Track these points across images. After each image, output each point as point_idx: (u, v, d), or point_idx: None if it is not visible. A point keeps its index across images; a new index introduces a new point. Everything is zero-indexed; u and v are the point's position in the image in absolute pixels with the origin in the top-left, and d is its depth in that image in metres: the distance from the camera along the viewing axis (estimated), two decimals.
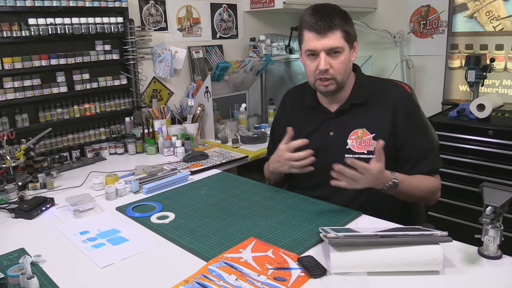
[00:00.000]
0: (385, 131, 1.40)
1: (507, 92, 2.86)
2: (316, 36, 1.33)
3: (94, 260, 1.13)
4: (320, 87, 1.41)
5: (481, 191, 1.06)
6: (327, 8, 1.35)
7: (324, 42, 1.33)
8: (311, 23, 1.33)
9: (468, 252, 1.08)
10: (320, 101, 1.51)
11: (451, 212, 2.50)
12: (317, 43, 1.34)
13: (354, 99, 1.45)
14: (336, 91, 1.43)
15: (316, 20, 1.32)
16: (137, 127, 2.29)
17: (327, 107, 1.50)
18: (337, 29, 1.33)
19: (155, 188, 1.62)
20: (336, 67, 1.37)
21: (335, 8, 1.37)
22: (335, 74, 1.37)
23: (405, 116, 1.41)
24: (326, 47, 1.33)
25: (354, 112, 1.45)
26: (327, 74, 1.36)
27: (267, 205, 1.44)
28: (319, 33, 1.33)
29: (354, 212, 1.35)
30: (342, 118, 1.47)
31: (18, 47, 1.91)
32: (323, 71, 1.36)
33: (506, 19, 2.80)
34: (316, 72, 1.38)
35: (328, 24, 1.32)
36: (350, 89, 1.47)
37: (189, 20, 2.64)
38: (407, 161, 1.42)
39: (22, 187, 1.69)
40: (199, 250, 1.15)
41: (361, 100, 1.45)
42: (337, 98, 1.47)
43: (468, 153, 2.40)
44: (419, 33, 3.21)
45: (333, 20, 1.32)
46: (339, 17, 1.34)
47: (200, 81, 2.56)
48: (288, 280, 0.98)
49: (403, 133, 1.40)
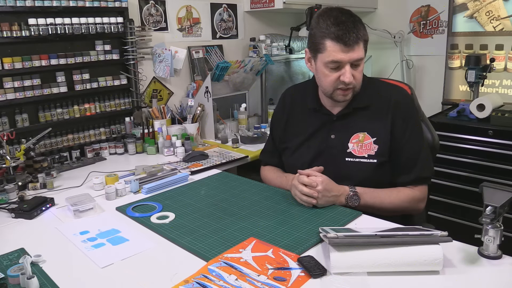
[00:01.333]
0: (386, 135, 1.40)
1: (507, 92, 2.86)
2: (343, 49, 1.29)
3: (94, 260, 1.13)
4: (339, 97, 1.39)
5: (481, 191, 1.06)
6: (349, 19, 1.30)
7: (351, 55, 1.30)
8: (339, 35, 1.28)
9: (468, 252, 1.08)
10: (322, 103, 1.50)
11: (451, 212, 2.50)
12: (343, 56, 1.30)
13: (357, 103, 1.44)
14: None
15: (344, 32, 1.27)
16: (137, 127, 2.29)
17: (329, 110, 1.48)
18: (361, 41, 1.31)
19: (155, 188, 1.62)
20: (358, 78, 1.36)
21: (354, 17, 1.33)
22: (356, 84, 1.37)
23: (402, 121, 1.40)
24: (352, 60, 1.31)
25: (356, 116, 1.44)
26: (350, 84, 1.35)
27: (267, 205, 1.44)
28: (347, 45, 1.28)
29: (354, 212, 1.35)
30: (343, 121, 1.45)
31: (18, 47, 1.91)
32: (347, 83, 1.34)
33: (506, 19, 2.80)
34: (337, 83, 1.35)
35: (356, 36, 1.28)
36: None
37: (189, 20, 2.64)
38: (395, 167, 1.42)
39: (22, 187, 1.69)
40: (199, 250, 1.15)
41: (363, 104, 1.44)
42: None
43: (468, 153, 2.40)
44: (419, 33, 3.22)
45: (359, 32, 1.30)
46: (362, 27, 1.32)
47: (200, 81, 2.56)
48: (288, 280, 0.98)
49: (398, 137, 1.40)
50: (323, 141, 1.47)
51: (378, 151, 1.40)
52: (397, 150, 1.40)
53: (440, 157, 2.39)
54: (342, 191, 1.37)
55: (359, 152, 1.41)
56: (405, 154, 1.40)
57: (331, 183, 1.36)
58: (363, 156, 1.41)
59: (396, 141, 1.40)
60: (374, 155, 1.40)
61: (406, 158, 1.41)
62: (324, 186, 1.33)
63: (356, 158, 1.41)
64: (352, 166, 1.41)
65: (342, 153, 1.43)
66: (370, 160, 1.40)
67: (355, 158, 1.41)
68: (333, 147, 1.44)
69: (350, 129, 1.44)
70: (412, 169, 1.40)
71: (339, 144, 1.44)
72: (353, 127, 1.44)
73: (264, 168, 1.73)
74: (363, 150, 1.41)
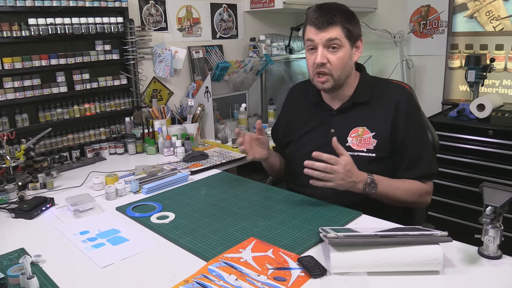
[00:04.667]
0: (385, 131, 1.41)
1: (507, 92, 2.86)
2: (316, 30, 1.37)
3: (94, 260, 1.13)
4: (318, 84, 1.43)
5: (481, 191, 1.06)
6: (331, 6, 1.38)
7: (323, 35, 1.36)
8: (313, 18, 1.37)
9: (468, 252, 1.08)
10: (323, 97, 1.53)
11: (451, 212, 2.50)
12: (315, 36, 1.37)
13: (357, 97, 1.46)
14: (334, 89, 1.43)
15: (317, 15, 1.36)
16: (137, 127, 2.29)
17: (329, 104, 1.51)
18: (337, 25, 1.36)
19: (155, 188, 1.62)
20: (334, 63, 1.38)
21: (339, 7, 1.39)
22: (332, 70, 1.38)
23: (405, 117, 1.41)
24: (323, 40, 1.36)
25: (356, 111, 1.46)
26: (324, 68, 1.38)
27: (267, 205, 1.44)
28: (319, 27, 1.36)
29: (354, 212, 1.35)
30: (343, 116, 1.47)
31: (18, 47, 1.91)
32: (319, 64, 1.37)
33: (506, 19, 2.80)
34: (314, 66, 1.39)
35: (328, 20, 1.35)
36: (354, 87, 1.48)
37: (189, 20, 2.64)
38: (400, 163, 1.43)
39: (22, 187, 1.69)
40: (199, 250, 1.15)
41: (364, 99, 1.46)
42: (340, 95, 1.48)
43: (468, 153, 2.40)
44: (419, 33, 3.21)
45: (334, 17, 1.35)
46: (341, 15, 1.37)
47: (200, 81, 2.56)
48: (288, 280, 0.98)
49: (401, 134, 1.41)
50: (324, 135, 1.48)
51: (376, 146, 1.41)
52: (403, 148, 1.41)
53: (440, 157, 2.39)
54: (361, 177, 1.32)
55: (358, 146, 1.42)
56: (411, 150, 1.41)
57: (354, 168, 1.31)
58: (362, 150, 1.42)
59: (400, 138, 1.40)
60: (372, 149, 1.41)
61: (411, 155, 1.41)
62: (348, 168, 1.28)
63: (354, 152, 1.42)
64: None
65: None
66: (368, 154, 1.41)
67: (353, 152, 1.41)
68: None
69: (349, 124, 1.45)
70: (418, 165, 1.41)
71: (338, 138, 1.44)
72: (353, 121, 1.45)
73: None
74: (362, 144, 1.42)
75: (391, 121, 1.41)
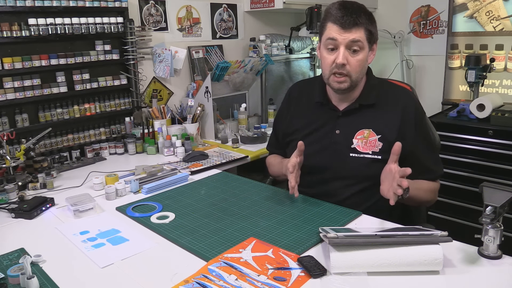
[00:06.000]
0: (391, 134, 1.39)
1: (507, 92, 2.86)
2: (340, 29, 1.32)
3: (94, 260, 1.13)
4: (334, 83, 1.39)
5: (481, 191, 1.06)
6: (354, 6, 1.35)
7: (347, 36, 1.32)
8: (337, 16, 1.32)
9: (468, 252, 1.08)
10: (329, 98, 1.50)
11: (451, 212, 2.50)
12: (338, 35, 1.32)
13: (363, 99, 1.44)
14: (348, 90, 1.41)
15: (343, 14, 1.31)
16: (137, 127, 2.29)
17: (335, 105, 1.48)
18: (362, 27, 1.33)
19: (155, 188, 1.62)
20: (353, 65, 1.35)
21: (362, 7, 1.36)
22: (351, 71, 1.36)
23: (414, 124, 1.41)
24: (347, 40, 1.32)
25: (362, 113, 1.45)
26: (343, 69, 1.35)
27: (267, 205, 1.44)
28: (344, 27, 1.31)
29: (354, 212, 1.35)
30: (349, 117, 1.46)
31: (18, 47, 1.91)
32: (340, 65, 1.34)
33: (506, 19, 2.80)
34: (333, 66, 1.36)
35: (354, 21, 1.31)
36: (361, 89, 1.46)
37: (189, 20, 2.64)
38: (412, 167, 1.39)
39: (22, 187, 1.69)
40: (199, 250, 1.15)
41: (370, 101, 1.44)
42: (347, 97, 1.46)
43: (468, 153, 2.40)
44: (419, 33, 3.21)
45: (359, 18, 1.32)
46: (366, 16, 1.34)
47: (200, 81, 2.56)
48: (288, 280, 0.98)
49: (411, 142, 1.38)
50: (328, 136, 1.47)
51: (382, 149, 1.40)
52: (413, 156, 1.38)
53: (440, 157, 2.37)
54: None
55: (364, 148, 1.41)
56: (422, 158, 1.42)
57: None
58: (367, 153, 1.41)
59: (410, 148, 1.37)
60: (378, 152, 1.40)
61: (423, 162, 1.42)
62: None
63: (360, 154, 1.41)
64: (356, 162, 1.41)
65: (346, 149, 1.43)
66: (374, 157, 1.40)
67: (359, 154, 1.41)
68: (338, 142, 1.44)
69: (355, 125, 1.44)
70: (429, 170, 1.44)
71: (343, 140, 1.44)
72: (359, 123, 1.44)
73: (269, 156, 1.75)
74: (367, 146, 1.41)
75: (399, 127, 1.40)
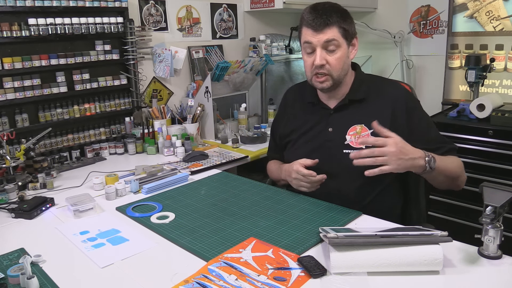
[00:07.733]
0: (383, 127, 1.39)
1: (507, 92, 2.86)
2: (313, 33, 1.37)
3: (94, 260, 1.13)
4: (316, 84, 1.43)
5: (481, 191, 1.06)
6: (325, 7, 1.38)
7: (320, 37, 1.36)
8: (309, 20, 1.37)
9: (468, 252, 1.08)
10: (319, 97, 1.53)
11: (451, 212, 2.50)
12: (313, 38, 1.37)
13: (353, 95, 1.47)
14: (332, 88, 1.43)
15: (314, 17, 1.36)
16: (137, 127, 2.29)
17: (326, 103, 1.51)
18: (334, 26, 1.36)
19: (155, 188, 1.62)
20: (332, 63, 1.38)
21: (333, 6, 1.39)
22: (331, 70, 1.39)
23: (406, 112, 1.41)
24: (321, 42, 1.36)
25: (353, 108, 1.46)
26: (323, 69, 1.38)
27: (267, 205, 1.44)
28: (316, 29, 1.36)
29: (354, 212, 1.35)
30: (341, 114, 1.47)
31: (18, 47, 1.91)
32: (318, 66, 1.38)
33: (506, 19, 2.80)
34: (313, 68, 1.40)
35: (325, 21, 1.35)
36: (350, 85, 1.48)
37: (189, 20, 2.64)
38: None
39: (22, 187, 1.69)
40: (199, 250, 1.15)
41: (360, 96, 1.46)
42: (336, 94, 1.48)
43: (468, 153, 2.40)
44: (419, 33, 3.21)
45: (330, 18, 1.35)
46: (336, 15, 1.36)
47: (200, 81, 2.56)
48: (288, 280, 0.98)
49: (405, 128, 1.38)
50: (322, 134, 1.48)
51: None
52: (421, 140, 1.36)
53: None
54: (419, 153, 1.24)
55: (357, 144, 1.42)
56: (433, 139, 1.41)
57: (407, 145, 1.23)
58: (361, 148, 1.40)
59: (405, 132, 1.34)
60: (371, 146, 1.39)
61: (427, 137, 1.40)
62: (401, 146, 1.20)
63: (353, 149, 1.41)
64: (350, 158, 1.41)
65: (340, 145, 1.44)
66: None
67: (353, 150, 1.41)
68: (331, 139, 1.46)
69: (347, 122, 1.45)
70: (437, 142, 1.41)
71: (336, 137, 1.45)
72: (350, 119, 1.45)
73: (269, 163, 1.76)
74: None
75: (390, 118, 1.40)
